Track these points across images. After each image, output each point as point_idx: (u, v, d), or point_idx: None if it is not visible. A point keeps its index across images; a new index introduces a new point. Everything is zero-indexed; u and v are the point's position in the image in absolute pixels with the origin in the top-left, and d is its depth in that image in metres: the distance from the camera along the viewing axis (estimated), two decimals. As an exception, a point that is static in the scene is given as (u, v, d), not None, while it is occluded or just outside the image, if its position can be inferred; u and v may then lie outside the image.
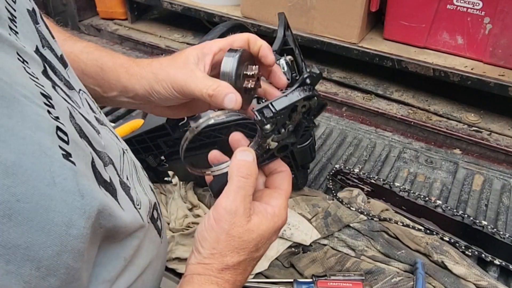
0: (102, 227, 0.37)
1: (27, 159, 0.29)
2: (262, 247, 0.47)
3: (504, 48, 1.39)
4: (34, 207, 0.29)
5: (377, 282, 0.83)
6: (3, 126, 0.28)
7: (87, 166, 0.37)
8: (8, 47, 0.33)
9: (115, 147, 0.48)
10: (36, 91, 0.34)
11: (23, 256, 0.28)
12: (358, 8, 1.50)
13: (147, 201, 0.51)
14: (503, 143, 1.34)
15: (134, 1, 2.07)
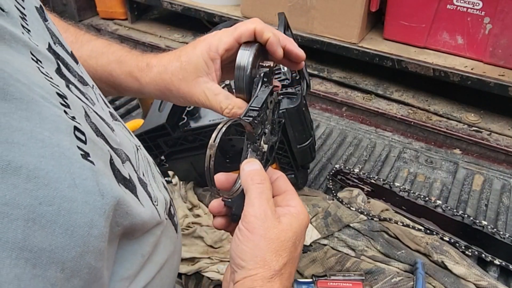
0: (119, 225, 0.37)
1: (47, 162, 0.29)
2: (298, 245, 0.47)
3: (504, 48, 1.39)
4: (57, 210, 0.29)
5: (377, 282, 0.83)
6: (22, 129, 0.28)
7: (106, 165, 0.37)
8: (22, 47, 0.33)
9: (129, 144, 0.48)
10: (52, 91, 0.34)
11: (48, 259, 0.28)
12: (358, 8, 1.50)
13: (163, 197, 0.51)
14: (503, 143, 1.34)
15: (134, 1, 2.07)
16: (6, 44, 0.31)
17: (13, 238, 0.25)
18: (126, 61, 0.61)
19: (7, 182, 0.26)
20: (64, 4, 2.12)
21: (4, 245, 0.25)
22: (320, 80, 1.71)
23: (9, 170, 0.26)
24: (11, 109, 0.28)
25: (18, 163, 0.27)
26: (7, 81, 0.28)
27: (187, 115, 0.94)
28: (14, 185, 0.26)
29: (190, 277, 0.88)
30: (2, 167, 0.26)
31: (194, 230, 0.93)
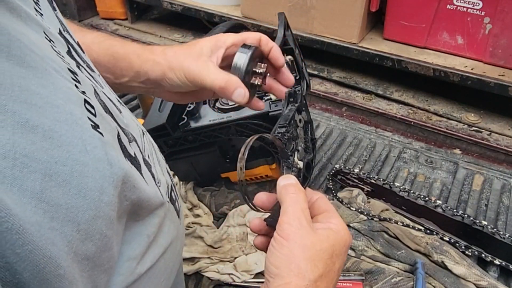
0: (127, 199, 0.38)
1: (61, 126, 0.30)
2: (336, 261, 0.45)
3: (504, 48, 1.39)
4: (70, 171, 0.30)
5: (377, 282, 0.83)
6: (39, 93, 0.30)
7: (114, 139, 0.38)
8: (36, 25, 0.34)
9: (136, 127, 0.49)
10: (64, 67, 0.35)
11: (65, 216, 0.29)
12: (358, 8, 1.50)
13: (165, 180, 0.51)
14: (503, 143, 1.34)
15: (134, 1, 2.07)
16: (22, 20, 0.33)
17: (32, 188, 0.27)
18: (131, 44, 0.63)
19: (26, 137, 0.27)
20: (64, 4, 2.12)
21: (24, 192, 0.26)
22: (320, 80, 1.71)
23: (27, 127, 0.27)
24: (28, 75, 0.30)
25: (36, 122, 0.28)
26: (23, 51, 0.30)
27: (187, 115, 0.94)
28: (32, 141, 0.27)
29: (190, 277, 0.88)
30: (21, 123, 0.27)
31: (194, 230, 0.93)
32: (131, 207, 0.39)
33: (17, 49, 0.30)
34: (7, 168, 0.25)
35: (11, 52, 0.29)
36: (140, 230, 0.44)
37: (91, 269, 0.32)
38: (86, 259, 0.31)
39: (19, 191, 0.26)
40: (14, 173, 0.26)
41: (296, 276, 0.42)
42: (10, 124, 0.26)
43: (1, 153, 0.25)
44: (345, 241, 0.47)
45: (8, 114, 0.27)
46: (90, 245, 0.31)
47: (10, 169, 0.25)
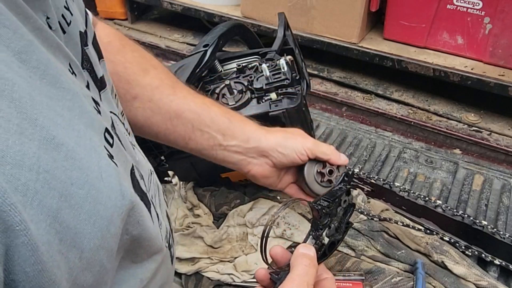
0: (128, 233, 0.37)
1: (81, 150, 0.30)
2: None
3: (504, 48, 1.39)
4: (85, 195, 0.29)
5: (377, 282, 0.83)
6: (63, 116, 0.30)
7: (126, 172, 0.38)
8: (64, 57, 0.35)
9: (145, 166, 0.49)
10: (88, 95, 0.36)
11: (72, 241, 0.28)
12: (358, 8, 1.50)
13: (165, 225, 0.51)
14: (503, 143, 1.34)
15: (134, 1, 2.07)
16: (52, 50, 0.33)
17: (50, 205, 0.26)
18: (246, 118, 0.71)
19: (49, 154, 0.27)
20: (64, 4, 2.12)
21: (42, 208, 0.26)
22: (320, 80, 1.71)
23: (53, 144, 0.27)
24: (58, 96, 0.30)
25: (61, 140, 0.28)
26: (59, 72, 0.31)
27: (187, 115, 0.94)
28: (54, 158, 0.27)
29: (190, 277, 0.88)
30: (47, 139, 0.27)
31: (194, 230, 0.93)
32: (130, 243, 0.39)
33: (53, 69, 0.30)
34: (31, 180, 0.25)
35: (47, 72, 0.29)
36: (136, 272, 0.43)
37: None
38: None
39: (38, 206, 0.25)
40: (36, 187, 0.25)
41: None
42: (37, 138, 0.26)
43: (28, 164, 0.25)
44: None
45: (37, 128, 0.27)
46: (89, 275, 0.31)
47: (34, 182, 0.25)
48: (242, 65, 0.93)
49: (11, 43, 0.27)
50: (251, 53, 0.95)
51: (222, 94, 0.89)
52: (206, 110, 0.66)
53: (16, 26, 0.28)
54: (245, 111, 0.90)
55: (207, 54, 0.90)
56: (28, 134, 0.26)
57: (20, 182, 0.24)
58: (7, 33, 0.27)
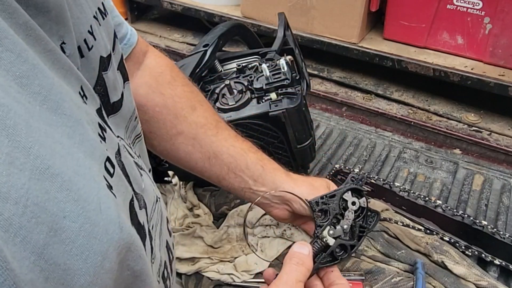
0: (129, 269, 0.35)
1: (79, 180, 0.29)
2: None
3: (504, 48, 1.39)
4: (78, 229, 0.28)
5: (377, 282, 0.83)
6: (62, 143, 0.29)
7: (125, 204, 0.37)
8: (75, 80, 0.34)
9: (152, 193, 0.48)
10: (94, 120, 0.35)
11: (60, 278, 0.27)
12: (358, 8, 1.50)
13: (159, 257, 0.50)
14: (503, 143, 1.34)
15: (134, 1, 2.07)
16: (63, 73, 0.32)
17: (35, 241, 0.25)
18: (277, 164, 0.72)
19: (41, 185, 0.26)
20: (64, 4, 2.12)
21: (26, 245, 0.24)
22: (320, 80, 1.71)
23: (47, 174, 0.26)
24: (58, 123, 0.29)
25: (57, 170, 0.27)
26: (63, 97, 0.30)
27: (187, 115, 0.94)
28: (47, 190, 0.26)
29: (190, 277, 0.88)
30: (41, 169, 0.26)
31: (194, 230, 0.93)
32: (132, 279, 0.37)
33: (56, 95, 0.29)
34: (16, 215, 0.24)
35: (48, 97, 0.29)
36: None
37: None
38: None
39: (21, 243, 0.24)
40: (21, 221, 0.24)
41: None
42: (29, 168, 0.25)
43: (14, 197, 0.24)
44: None
45: (31, 157, 0.25)
46: None
47: (19, 217, 0.24)
48: (242, 65, 0.93)
49: (12, 67, 0.26)
50: (251, 53, 0.95)
51: (222, 94, 0.89)
52: (243, 156, 0.69)
53: (21, 49, 0.27)
54: (245, 111, 0.90)
55: (207, 54, 0.90)
56: (18, 164, 0.24)
57: (3, 217, 0.23)
58: (10, 57, 0.26)
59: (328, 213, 0.56)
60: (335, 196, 0.57)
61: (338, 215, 0.56)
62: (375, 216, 0.60)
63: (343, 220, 0.56)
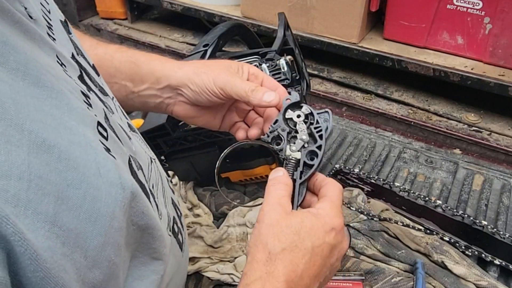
0: (134, 224, 0.37)
1: (75, 148, 0.29)
2: (306, 237, 0.46)
3: (504, 48, 1.39)
4: (83, 195, 0.29)
5: (377, 282, 0.83)
6: (53, 115, 0.29)
7: (125, 164, 0.38)
8: (50, 49, 0.34)
9: (144, 155, 0.49)
10: (77, 89, 0.35)
11: (75, 242, 0.28)
12: (358, 8, 1.50)
13: (166, 213, 0.50)
14: (503, 143, 1.34)
15: (134, 1, 2.07)
16: (36, 44, 0.32)
17: (45, 211, 0.26)
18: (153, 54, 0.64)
19: (41, 158, 0.26)
20: (64, 4, 2.12)
21: (38, 215, 0.25)
22: (320, 80, 1.71)
23: (43, 147, 0.27)
24: (43, 95, 0.29)
25: (52, 142, 0.27)
26: (40, 70, 0.30)
27: (187, 115, 0.94)
28: (47, 162, 0.27)
29: (190, 277, 0.88)
30: (37, 143, 0.26)
31: (194, 230, 0.93)
32: (140, 233, 0.38)
33: (33, 69, 0.29)
34: (22, 190, 0.24)
35: (27, 72, 0.29)
36: (157, 269, 0.43)
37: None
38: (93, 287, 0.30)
39: (33, 215, 0.25)
40: (28, 195, 0.25)
41: (260, 251, 0.44)
42: (26, 144, 0.26)
43: (16, 174, 0.24)
44: (324, 223, 0.47)
45: (25, 133, 0.26)
46: (97, 273, 0.30)
47: (25, 191, 0.25)
48: (242, 65, 0.92)
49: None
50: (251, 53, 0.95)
51: (222, 94, 0.89)
52: (109, 61, 0.61)
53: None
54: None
55: (207, 54, 0.90)
56: (15, 141, 0.25)
57: (10, 193, 0.23)
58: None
59: (281, 137, 0.57)
60: (278, 121, 0.57)
61: (292, 132, 0.58)
62: (325, 113, 0.61)
63: (298, 133, 0.57)
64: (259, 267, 0.44)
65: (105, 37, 2.11)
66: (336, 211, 0.49)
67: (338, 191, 0.52)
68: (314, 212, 0.48)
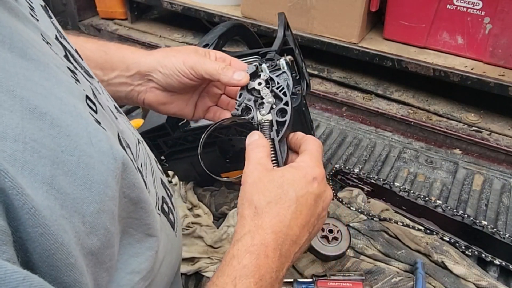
0: (126, 196, 0.37)
1: (66, 117, 0.30)
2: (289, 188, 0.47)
3: (504, 48, 1.39)
4: (77, 161, 0.29)
5: (377, 282, 0.83)
6: (42, 85, 0.29)
7: (114, 136, 0.38)
8: (34, 27, 0.35)
9: (131, 136, 0.49)
10: (63, 65, 0.35)
11: (72, 206, 0.28)
12: (358, 8, 1.50)
13: (155, 192, 0.51)
14: (503, 143, 1.34)
15: (134, 1, 2.07)
16: (20, 20, 0.33)
17: (42, 173, 0.26)
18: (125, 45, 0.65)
19: (34, 123, 0.27)
20: (64, 4, 2.11)
21: (35, 176, 0.25)
22: (320, 80, 1.71)
23: (36, 113, 0.27)
24: (31, 67, 0.30)
25: (44, 109, 0.28)
26: (25, 44, 0.30)
27: (187, 115, 0.94)
28: (40, 127, 0.27)
29: (190, 277, 0.88)
30: (29, 109, 0.27)
31: (194, 230, 0.93)
32: (132, 207, 0.39)
33: (19, 42, 0.30)
34: (18, 151, 0.25)
35: (13, 44, 0.29)
36: (152, 246, 0.44)
37: (94, 265, 0.31)
38: (91, 254, 0.31)
39: (30, 175, 0.25)
40: (25, 156, 0.25)
41: (247, 208, 0.46)
42: (19, 109, 0.26)
43: (12, 136, 0.25)
44: (305, 174, 0.49)
45: (17, 99, 0.26)
46: (95, 239, 0.31)
47: (21, 153, 0.25)
48: (242, 65, 0.92)
49: None
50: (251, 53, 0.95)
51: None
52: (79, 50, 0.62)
53: None
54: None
55: (207, 54, 0.90)
56: (7, 106, 0.25)
57: (6, 153, 0.24)
58: None
59: (249, 107, 0.59)
60: (242, 94, 0.60)
61: (258, 100, 0.60)
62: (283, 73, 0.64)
63: (264, 98, 0.59)
64: (247, 222, 0.45)
65: (105, 37, 2.11)
66: (316, 161, 0.51)
67: (317, 145, 0.54)
68: (295, 166, 0.50)
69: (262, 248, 0.43)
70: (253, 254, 0.42)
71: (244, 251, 0.42)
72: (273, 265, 0.43)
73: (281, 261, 0.44)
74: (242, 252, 0.42)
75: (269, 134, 0.56)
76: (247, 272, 0.41)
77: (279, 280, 0.44)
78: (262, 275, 0.41)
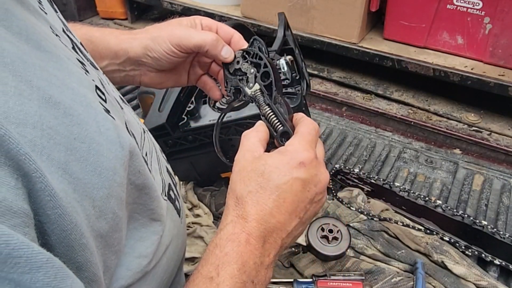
0: (131, 183, 0.39)
1: (78, 106, 0.31)
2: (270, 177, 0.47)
3: (504, 48, 1.39)
4: (88, 148, 0.31)
5: (377, 282, 0.83)
6: (56, 75, 0.31)
7: (123, 124, 0.40)
8: (44, 20, 0.36)
9: (137, 125, 0.50)
10: (73, 56, 0.37)
11: (83, 191, 0.30)
12: (358, 8, 1.50)
13: (161, 179, 0.52)
14: (503, 143, 1.34)
15: (134, 1, 2.07)
16: (32, 14, 0.34)
17: (58, 158, 0.28)
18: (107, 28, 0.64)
19: (50, 112, 0.28)
20: (64, 4, 2.11)
21: (52, 161, 0.27)
22: (320, 80, 1.71)
23: (51, 102, 0.29)
24: (45, 58, 0.31)
25: (58, 99, 0.29)
26: (39, 36, 0.32)
27: (187, 115, 0.94)
28: (55, 116, 0.29)
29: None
30: (45, 98, 0.28)
31: (194, 230, 0.93)
32: (137, 194, 0.40)
33: (33, 34, 0.31)
34: (37, 137, 0.26)
35: (29, 36, 0.30)
36: (156, 230, 0.45)
37: (103, 247, 0.33)
38: (100, 237, 0.32)
39: (47, 160, 0.27)
40: (42, 142, 0.27)
41: (231, 197, 0.47)
42: (36, 98, 0.27)
43: (31, 123, 0.26)
44: (290, 159, 0.48)
45: (34, 89, 0.28)
46: (103, 223, 0.32)
47: (39, 139, 0.27)
48: (242, 65, 0.92)
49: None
50: (251, 53, 0.95)
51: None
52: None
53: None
54: (245, 111, 0.90)
55: (207, 54, 0.90)
56: (26, 95, 0.27)
57: (27, 138, 0.25)
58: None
59: (238, 88, 0.61)
60: (227, 80, 0.62)
61: (243, 77, 0.61)
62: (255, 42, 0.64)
63: (248, 74, 0.60)
64: (229, 212, 0.46)
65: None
66: (305, 144, 0.50)
67: (311, 127, 0.53)
68: (282, 150, 0.49)
69: (243, 236, 0.44)
70: (234, 242, 0.43)
71: (225, 240, 0.44)
72: (256, 252, 0.44)
73: (265, 248, 0.45)
74: (224, 241, 0.44)
75: (264, 102, 0.57)
76: (229, 259, 0.42)
77: (265, 265, 0.45)
78: (245, 261, 0.43)
